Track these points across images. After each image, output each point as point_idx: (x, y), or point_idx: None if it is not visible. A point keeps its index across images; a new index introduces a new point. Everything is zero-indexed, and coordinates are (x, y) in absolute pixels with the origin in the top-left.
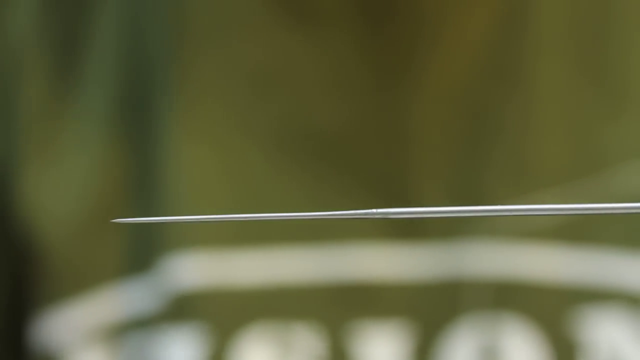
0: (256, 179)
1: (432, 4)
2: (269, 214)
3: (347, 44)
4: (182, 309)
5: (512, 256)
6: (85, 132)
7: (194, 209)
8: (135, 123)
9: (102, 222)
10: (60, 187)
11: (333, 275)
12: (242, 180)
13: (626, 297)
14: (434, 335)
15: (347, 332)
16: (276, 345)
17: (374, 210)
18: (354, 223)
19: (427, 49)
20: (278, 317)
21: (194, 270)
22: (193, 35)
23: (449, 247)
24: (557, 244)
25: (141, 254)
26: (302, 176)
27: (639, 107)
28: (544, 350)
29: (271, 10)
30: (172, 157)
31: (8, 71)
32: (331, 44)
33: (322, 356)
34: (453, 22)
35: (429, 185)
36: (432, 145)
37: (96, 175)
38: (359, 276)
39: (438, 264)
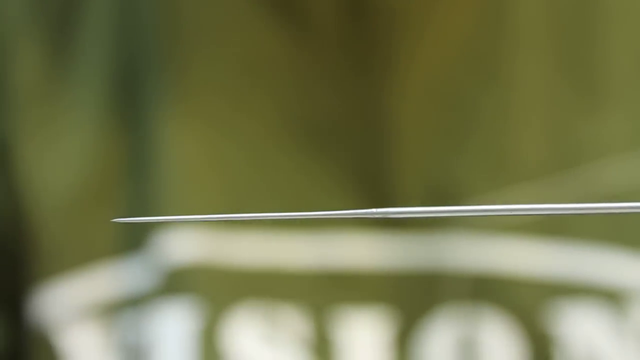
0: (246, 164)
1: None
2: (270, 214)
3: (329, 39)
4: (176, 283)
5: (491, 249)
6: (79, 113)
7: (185, 191)
8: (129, 104)
9: (97, 201)
10: (56, 165)
11: (320, 261)
12: (233, 164)
13: (603, 292)
14: (413, 323)
15: (331, 316)
16: (264, 325)
17: (374, 210)
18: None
19: (407, 44)
20: (267, 297)
21: (187, 246)
22: (185, 19)
23: (429, 238)
24: (535, 238)
25: (135, 231)
26: (289, 165)
27: (617, 103)
28: (520, 343)
29: (259, 5)
30: (164, 139)
31: (2, 51)
32: (314, 40)
33: (306, 338)
34: (433, 18)
35: (407, 177)
36: (411, 139)
37: (91, 155)
38: (344, 263)
39: (418, 255)
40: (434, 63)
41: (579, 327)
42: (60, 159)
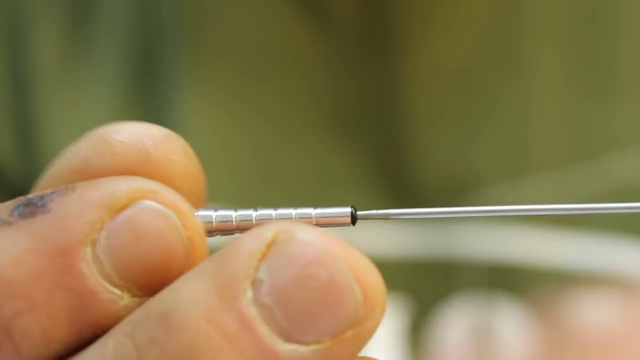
0: (260, 141)
1: None
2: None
3: (348, 28)
4: None
5: (506, 238)
6: (98, 89)
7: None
8: (146, 82)
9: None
10: (77, 135)
11: None
12: (248, 141)
13: (618, 282)
14: (428, 311)
15: None
16: None
17: (375, 212)
18: (354, 201)
19: (425, 33)
20: None
21: None
22: (205, 1)
23: (444, 227)
24: (551, 227)
25: None
26: (303, 152)
27: (633, 95)
28: (535, 332)
29: None
30: (180, 119)
31: (24, 29)
32: (332, 28)
33: None
34: (450, 7)
35: (425, 164)
36: (428, 127)
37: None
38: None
39: (434, 243)
40: (452, 52)
41: (594, 316)
42: (80, 133)
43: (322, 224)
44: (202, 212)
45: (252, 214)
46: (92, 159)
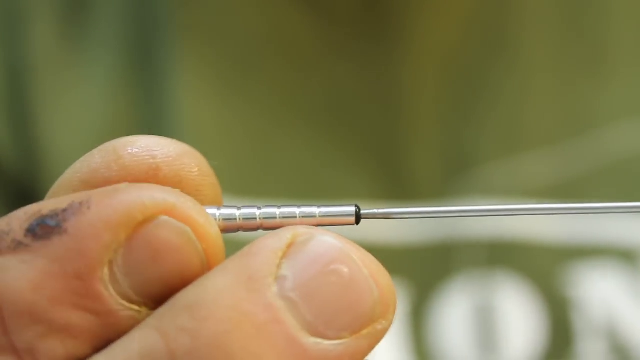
0: (256, 127)
1: None
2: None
3: (345, 17)
4: None
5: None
6: (93, 79)
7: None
8: (143, 69)
9: None
10: (72, 127)
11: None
12: (244, 128)
13: (617, 252)
14: (429, 294)
15: None
16: None
17: (378, 211)
18: (351, 185)
19: (419, 16)
20: None
21: None
22: None
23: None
24: (548, 202)
25: None
26: (297, 131)
27: (624, 69)
28: (538, 307)
29: None
30: (176, 106)
31: (20, 18)
32: (331, 16)
33: None
34: None
35: (422, 147)
36: (424, 107)
37: (105, 118)
38: (358, 237)
39: (432, 225)
40: (446, 35)
41: (596, 287)
42: (76, 122)
43: (326, 223)
44: (207, 211)
45: (256, 212)
46: (101, 171)
